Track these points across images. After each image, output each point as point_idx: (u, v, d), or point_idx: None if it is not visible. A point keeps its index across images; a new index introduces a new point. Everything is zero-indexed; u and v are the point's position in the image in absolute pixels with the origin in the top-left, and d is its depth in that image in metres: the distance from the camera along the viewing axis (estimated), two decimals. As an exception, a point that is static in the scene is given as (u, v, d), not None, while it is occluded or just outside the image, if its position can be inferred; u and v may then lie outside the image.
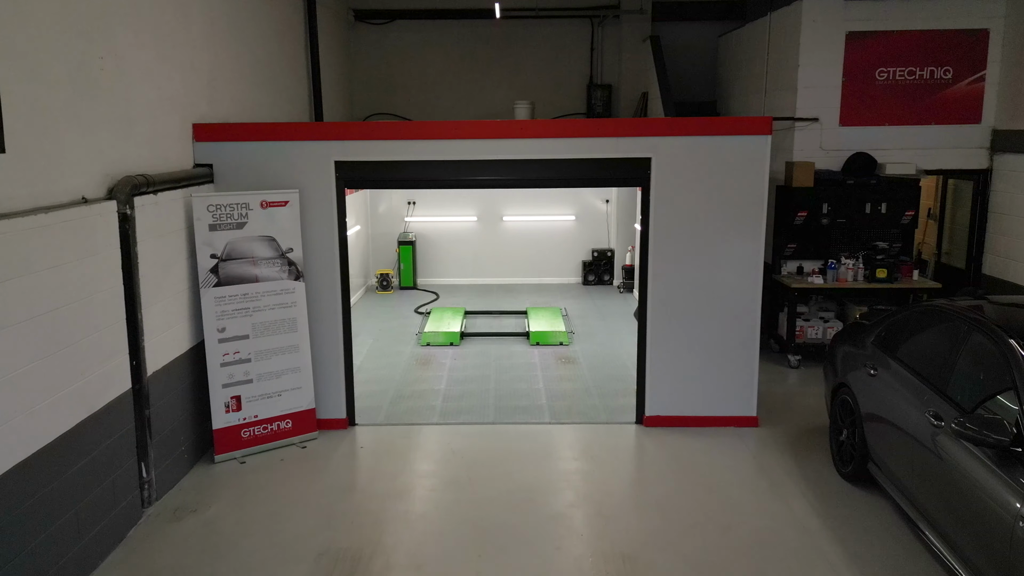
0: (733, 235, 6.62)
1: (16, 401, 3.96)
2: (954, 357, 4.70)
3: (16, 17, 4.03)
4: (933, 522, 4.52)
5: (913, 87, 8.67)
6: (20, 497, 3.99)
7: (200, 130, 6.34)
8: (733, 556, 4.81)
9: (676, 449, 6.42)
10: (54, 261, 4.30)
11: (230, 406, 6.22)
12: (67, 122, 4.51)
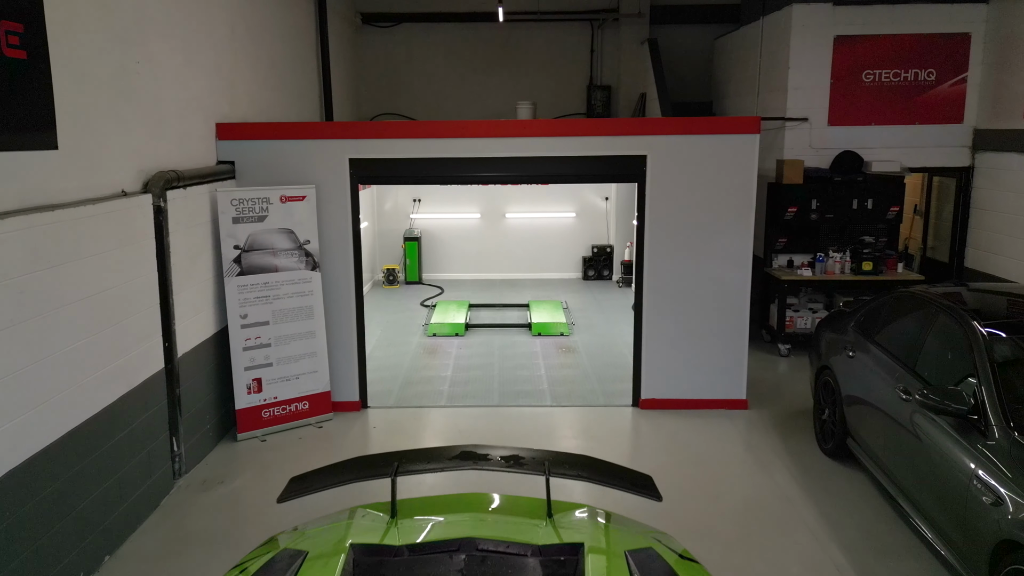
0: (724, 228, 7.02)
1: (71, 374, 4.38)
2: (923, 337, 5.11)
3: (67, 28, 4.44)
4: (903, 488, 4.93)
5: (898, 88, 9.08)
6: (73, 461, 4.41)
7: (223, 129, 6.76)
8: (721, 522, 5.22)
9: (670, 429, 6.83)
10: (100, 248, 4.72)
11: (252, 388, 6.64)
12: (108, 121, 4.93)
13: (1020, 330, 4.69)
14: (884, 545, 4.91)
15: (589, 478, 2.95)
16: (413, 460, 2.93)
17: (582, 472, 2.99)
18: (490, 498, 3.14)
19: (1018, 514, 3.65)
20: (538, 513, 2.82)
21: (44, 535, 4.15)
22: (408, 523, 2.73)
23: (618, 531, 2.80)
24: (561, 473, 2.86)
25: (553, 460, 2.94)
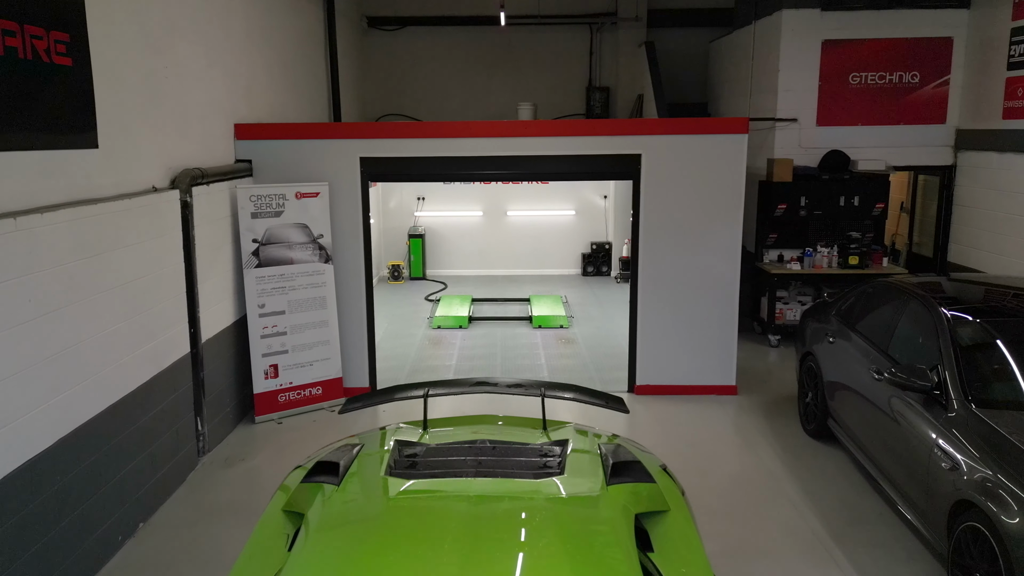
0: (714, 223, 7.42)
1: (111, 353, 4.79)
2: (896, 322, 5.51)
3: (106, 37, 4.84)
4: (875, 461, 5.33)
5: (883, 90, 9.48)
6: (112, 434, 4.81)
7: (241, 129, 7.16)
8: (709, 494, 5.62)
9: (663, 412, 7.22)
10: (134, 239, 5.12)
11: (269, 373, 7.04)
12: (140, 122, 5.33)
13: (984, 314, 5.09)
14: (858, 514, 5.31)
15: (575, 398, 3.82)
16: (439, 387, 3.80)
17: (569, 393, 3.84)
18: (498, 418, 3.90)
19: (972, 476, 4.05)
20: (535, 427, 3.62)
21: (89, 498, 4.56)
22: (435, 432, 3.53)
23: (597, 436, 3.57)
24: (554, 395, 3.70)
25: (547, 385, 3.77)
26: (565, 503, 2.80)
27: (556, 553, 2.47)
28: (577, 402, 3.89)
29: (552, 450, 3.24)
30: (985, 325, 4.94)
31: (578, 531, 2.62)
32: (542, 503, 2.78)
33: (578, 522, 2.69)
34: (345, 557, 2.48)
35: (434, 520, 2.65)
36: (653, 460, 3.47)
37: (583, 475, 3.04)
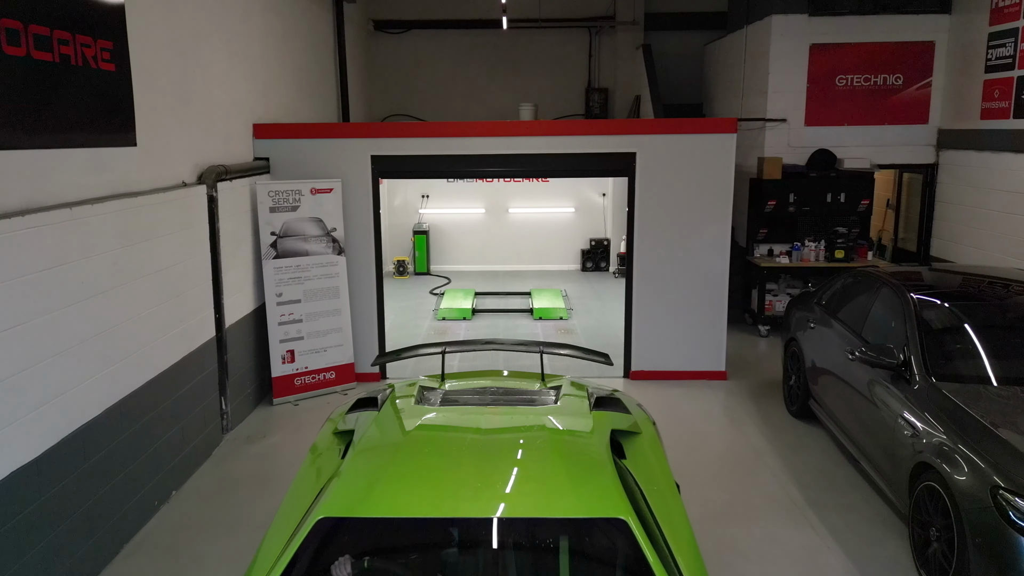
0: (705, 218, 7.87)
1: (150, 334, 5.24)
2: (869, 307, 5.96)
3: (143, 44, 5.29)
4: (849, 434, 5.78)
5: (868, 92, 9.93)
6: (150, 407, 5.26)
7: (259, 129, 7.61)
8: (697, 467, 6.07)
9: (656, 395, 7.66)
10: (167, 230, 5.57)
11: (285, 358, 7.49)
12: (171, 122, 5.77)
13: (950, 298, 5.54)
14: (833, 483, 5.76)
15: (568, 353, 4.84)
16: (455, 345, 4.83)
17: (563, 350, 4.87)
18: (503, 372, 4.99)
19: (930, 441, 4.50)
20: (535, 379, 4.54)
21: (131, 464, 5.01)
22: (452, 383, 4.44)
23: (587, 385, 4.43)
24: (550, 351, 4.72)
25: (544, 344, 4.79)
26: (558, 420, 3.72)
27: (550, 453, 3.33)
28: (570, 357, 4.80)
29: (549, 392, 4.19)
30: (948, 308, 5.40)
31: (566, 439, 3.55)
32: (540, 421, 3.69)
33: (566, 433, 3.60)
34: (388, 461, 3.31)
35: (455, 433, 3.57)
36: (632, 401, 4.37)
37: (572, 405, 3.97)
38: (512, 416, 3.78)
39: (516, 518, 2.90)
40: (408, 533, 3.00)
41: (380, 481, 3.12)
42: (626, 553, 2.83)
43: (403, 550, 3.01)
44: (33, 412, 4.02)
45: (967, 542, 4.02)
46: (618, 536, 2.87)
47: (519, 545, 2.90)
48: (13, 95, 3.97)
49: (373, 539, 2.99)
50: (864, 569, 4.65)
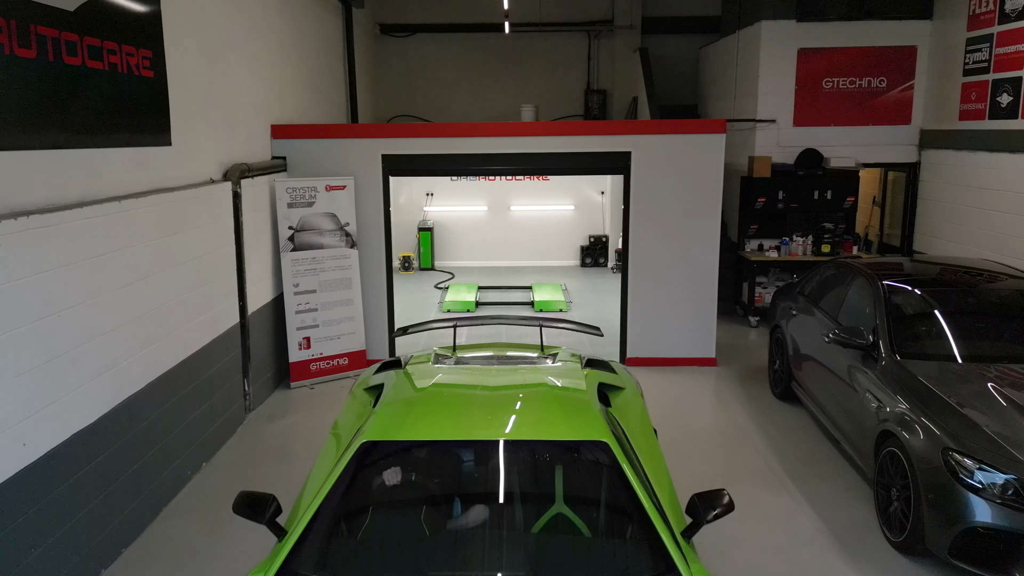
0: (696, 213, 8.35)
1: (184, 317, 5.74)
2: (845, 294, 6.45)
3: (178, 52, 5.78)
4: (825, 410, 6.27)
5: (854, 94, 10.42)
6: (184, 384, 5.75)
7: (276, 130, 8.10)
8: (686, 442, 6.56)
9: (650, 380, 8.13)
10: (198, 223, 6.07)
11: (302, 344, 7.98)
12: (200, 123, 6.26)
13: (918, 285, 6.03)
14: (810, 456, 6.25)
15: (564, 326, 5.64)
16: (465, 320, 5.75)
17: (560, 324, 5.68)
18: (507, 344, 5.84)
19: (893, 411, 4.99)
20: (535, 349, 5.18)
21: (169, 435, 5.50)
22: (463, 352, 5.04)
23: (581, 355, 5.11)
24: (548, 325, 5.44)
25: (544, 319, 5.46)
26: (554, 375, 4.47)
27: (547, 396, 4.09)
28: (566, 329, 5.58)
29: (547, 357, 4.87)
30: (915, 293, 5.89)
31: (560, 387, 4.29)
32: (539, 376, 4.42)
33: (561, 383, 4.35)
34: (414, 402, 4.11)
35: (468, 382, 4.33)
36: (620, 366, 5.09)
37: (567, 365, 4.72)
38: (515, 373, 4.51)
39: (518, 440, 3.61)
40: (432, 452, 3.69)
41: (409, 415, 3.94)
42: (608, 470, 3.46)
43: (428, 465, 3.68)
44: (90, 382, 4.51)
45: (921, 498, 4.51)
46: (600, 454, 3.52)
47: (521, 460, 3.57)
48: (72, 100, 4.46)
49: (404, 457, 3.69)
50: (833, 528, 5.14)
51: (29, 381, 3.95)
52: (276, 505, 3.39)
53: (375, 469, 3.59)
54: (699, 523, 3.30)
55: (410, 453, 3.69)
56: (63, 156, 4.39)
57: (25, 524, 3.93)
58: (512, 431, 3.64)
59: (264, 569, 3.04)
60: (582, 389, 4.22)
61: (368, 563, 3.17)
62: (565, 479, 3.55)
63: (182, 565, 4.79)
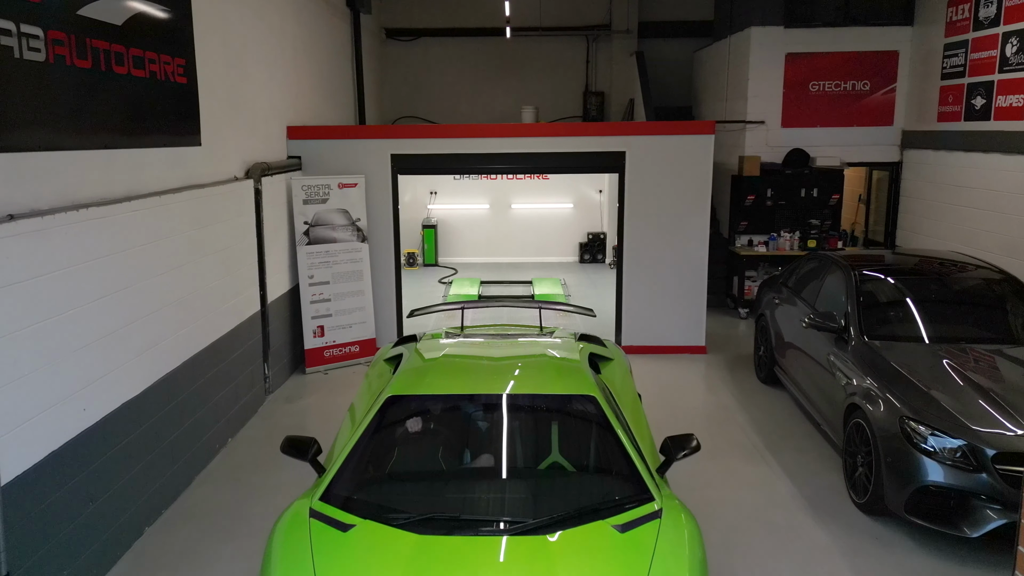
0: (687, 209, 8.86)
1: (213, 303, 6.25)
2: (822, 283, 6.97)
3: (206, 59, 6.28)
4: (804, 391, 6.78)
5: (839, 96, 10.93)
6: (211, 366, 6.27)
7: (292, 131, 8.61)
8: (675, 420, 7.06)
9: (643, 366, 8.64)
10: (224, 216, 6.58)
11: (316, 333, 8.50)
12: (225, 125, 6.77)
13: (889, 273, 6.54)
14: (789, 432, 6.76)
15: (560, 307, 6.61)
16: (471, 303, 6.39)
17: (557, 305, 6.62)
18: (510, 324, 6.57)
19: (859, 386, 5.51)
20: (535, 328, 5.93)
21: (199, 411, 6.02)
22: (470, 331, 5.77)
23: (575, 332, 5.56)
24: (546, 307, 6.38)
25: (542, 302, 6.35)
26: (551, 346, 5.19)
27: (544, 361, 4.73)
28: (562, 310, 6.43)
29: (545, 334, 5.39)
30: (884, 282, 6.41)
31: (557, 357, 4.89)
32: (539, 347, 5.09)
33: (557, 353, 4.98)
34: (430, 365, 4.76)
35: (476, 349, 5.09)
36: (610, 342, 5.73)
37: (562, 338, 5.46)
38: (518, 345, 5.19)
39: (520, 393, 4.32)
40: (447, 403, 4.36)
41: (427, 375, 4.60)
42: (595, 418, 4.09)
43: (443, 414, 4.39)
44: (134, 359, 5.03)
45: (882, 463, 5.03)
46: (589, 405, 4.16)
47: (522, 410, 4.20)
48: (119, 105, 4.98)
49: (423, 408, 4.38)
50: (805, 493, 5.66)
51: (87, 355, 4.47)
52: (317, 447, 4.06)
53: (398, 418, 4.28)
54: (671, 460, 3.98)
55: (428, 404, 4.37)
56: (111, 155, 4.90)
57: (85, 480, 4.45)
58: (514, 387, 4.33)
59: (310, 495, 3.70)
60: (574, 357, 4.85)
61: (393, 490, 3.91)
62: (559, 425, 4.19)
63: (214, 526, 5.30)
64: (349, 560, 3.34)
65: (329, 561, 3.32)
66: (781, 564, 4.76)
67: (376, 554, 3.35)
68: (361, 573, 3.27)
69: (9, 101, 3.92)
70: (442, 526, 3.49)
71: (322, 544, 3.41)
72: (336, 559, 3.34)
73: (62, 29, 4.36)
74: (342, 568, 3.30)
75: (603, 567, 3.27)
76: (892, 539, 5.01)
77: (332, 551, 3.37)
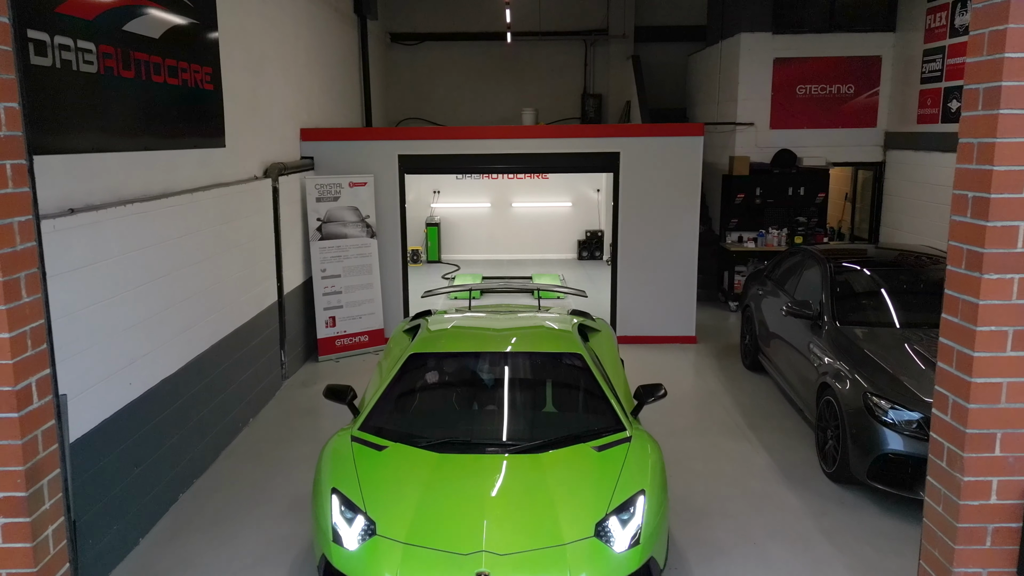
0: (677, 207, 9.38)
1: (237, 293, 6.78)
2: (801, 274, 7.49)
3: (230, 67, 6.80)
4: (784, 374, 7.30)
5: (824, 99, 11.44)
6: (236, 349, 6.79)
7: (305, 133, 9.13)
8: (666, 403, 7.51)
9: (636, 354, 9.17)
10: (246, 213, 7.10)
11: (328, 323, 9.02)
12: (245, 128, 7.29)
13: (863, 264, 7.05)
14: (770, 414, 7.28)
15: (555, 288, 8.01)
16: (477, 287, 7.57)
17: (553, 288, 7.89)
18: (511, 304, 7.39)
19: (830, 367, 6.03)
20: (533, 307, 6.56)
21: (226, 390, 6.54)
22: (476, 308, 6.47)
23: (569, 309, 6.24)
24: (544, 288, 7.71)
25: (539, 286, 7.49)
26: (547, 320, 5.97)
27: (540, 329, 5.48)
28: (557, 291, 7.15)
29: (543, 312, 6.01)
30: (856, 272, 6.93)
31: (552, 327, 5.69)
32: (536, 320, 5.83)
33: (552, 323, 5.80)
34: (445, 331, 5.57)
35: (483, 322, 5.88)
36: (599, 318, 6.48)
37: (555, 313, 6.01)
38: (518, 318, 5.98)
39: (519, 352, 5.27)
40: (460, 359, 5.31)
41: (442, 338, 5.50)
42: (581, 371, 4.96)
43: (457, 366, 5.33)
44: (171, 340, 5.55)
45: (847, 434, 5.55)
46: (577, 360, 5.02)
47: (522, 363, 5.14)
48: (157, 111, 5.51)
49: (439, 362, 5.35)
50: (781, 464, 6.18)
51: (133, 334, 4.99)
52: (353, 393, 5.00)
53: (419, 370, 5.28)
54: (642, 404, 4.98)
55: (443, 360, 5.34)
56: (150, 156, 5.42)
57: (131, 447, 4.97)
58: (515, 347, 5.31)
59: (350, 427, 4.77)
60: (566, 326, 5.64)
61: (416, 423, 4.93)
62: (552, 376, 5.24)
63: (240, 495, 5.81)
64: (384, 471, 4.31)
65: (368, 471, 4.28)
66: (756, 524, 5.28)
67: (404, 466, 4.33)
68: (393, 480, 4.24)
69: (69, 108, 4.44)
70: (456, 447, 4.45)
71: (362, 459, 4.38)
72: (373, 470, 4.30)
73: (110, 43, 4.88)
74: (378, 476, 4.26)
75: (583, 475, 4.26)
76: (856, 502, 5.53)
77: (370, 464, 4.34)
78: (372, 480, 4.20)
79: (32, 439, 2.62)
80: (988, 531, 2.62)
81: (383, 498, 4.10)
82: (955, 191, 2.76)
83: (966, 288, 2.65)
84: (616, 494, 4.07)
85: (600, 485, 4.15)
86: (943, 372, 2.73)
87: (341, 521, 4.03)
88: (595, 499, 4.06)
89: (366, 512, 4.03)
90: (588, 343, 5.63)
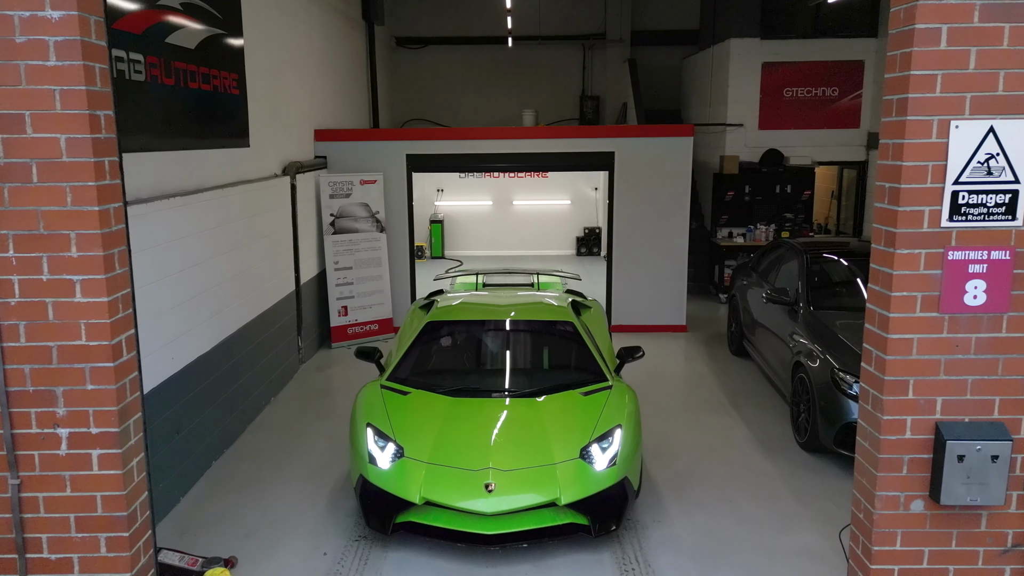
0: (669, 203, 9.96)
1: (260, 281, 7.37)
2: (781, 265, 8.08)
3: (253, 72, 7.39)
4: (764, 357, 7.89)
5: (810, 101, 12.03)
6: (259, 333, 7.38)
7: (319, 133, 9.72)
8: (656, 384, 8.17)
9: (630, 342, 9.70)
10: (268, 208, 7.69)
11: (341, 312, 9.61)
12: (266, 129, 7.87)
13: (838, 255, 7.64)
14: (751, 393, 7.87)
15: (552, 272, 8.60)
16: (483, 273, 8.35)
17: (550, 272, 8.42)
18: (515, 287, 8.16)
19: (803, 347, 6.61)
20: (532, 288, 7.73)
21: (250, 371, 7.13)
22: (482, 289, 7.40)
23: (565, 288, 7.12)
24: (542, 272, 8.45)
25: (539, 272, 8.07)
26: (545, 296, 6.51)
27: (538, 303, 6.26)
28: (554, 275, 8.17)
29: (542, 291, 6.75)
30: (831, 262, 7.52)
31: (549, 301, 6.58)
32: (535, 297, 6.65)
33: (549, 298, 6.70)
34: (456, 304, 6.49)
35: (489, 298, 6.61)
36: (592, 298, 7.18)
37: (553, 291, 6.79)
38: (520, 296, 6.80)
39: (520, 320, 6.22)
40: (470, 325, 6.24)
41: (454, 309, 6.41)
42: (572, 336, 5.81)
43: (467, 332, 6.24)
44: (207, 321, 6.15)
45: (816, 407, 6.14)
46: (569, 327, 5.85)
47: (522, 329, 5.93)
48: (193, 114, 6.10)
49: (453, 328, 6.29)
50: (759, 437, 6.77)
51: (175, 314, 5.58)
52: (380, 353, 6.14)
53: (435, 335, 6.28)
54: (623, 362, 6.01)
55: (456, 326, 6.30)
56: (187, 155, 6.01)
57: (173, 415, 5.56)
58: (516, 316, 6.26)
59: (380, 379, 5.80)
60: (560, 301, 6.44)
61: (434, 375, 5.93)
62: (547, 340, 6.25)
63: (268, 462, 6.40)
64: (409, 411, 5.33)
65: (396, 411, 5.29)
66: (732, 487, 5.86)
67: (426, 407, 5.36)
68: (417, 418, 5.26)
69: (124, 113, 5.02)
70: (468, 393, 5.50)
71: (391, 401, 5.42)
72: (400, 410, 5.32)
73: (155, 54, 5.48)
74: (404, 414, 5.27)
75: (571, 412, 5.28)
76: (823, 468, 6.13)
77: (397, 406, 5.36)
78: (400, 417, 5.22)
79: (122, 386, 3.21)
80: (904, 461, 3.19)
81: (409, 430, 5.11)
82: (877, 183, 3.34)
83: (884, 261, 3.24)
84: (598, 427, 5.07)
85: (585, 420, 5.15)
86: (869, 331, 3.31)
87: (375, 448, 5.02)
88: (580, 430, 5.07)
89: (396, 440, 5.03)
90: (580, 317, 6.38)
